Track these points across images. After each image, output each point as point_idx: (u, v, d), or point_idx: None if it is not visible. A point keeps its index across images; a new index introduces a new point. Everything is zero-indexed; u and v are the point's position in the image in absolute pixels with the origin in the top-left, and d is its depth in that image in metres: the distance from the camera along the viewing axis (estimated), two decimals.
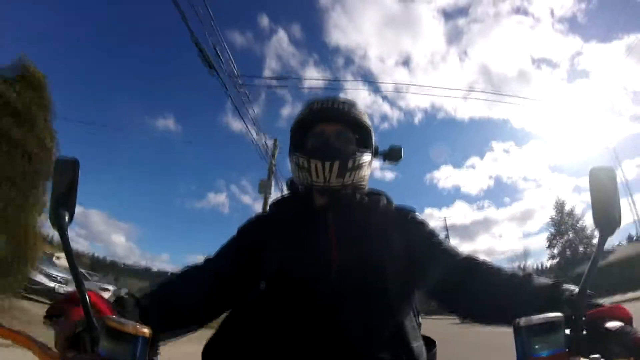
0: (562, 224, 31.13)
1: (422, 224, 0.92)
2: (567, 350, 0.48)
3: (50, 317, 0.60)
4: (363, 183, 0.92)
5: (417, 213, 0.95)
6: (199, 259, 0.93)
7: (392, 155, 1.00)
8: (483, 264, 0.79)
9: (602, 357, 0.48)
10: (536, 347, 0.47)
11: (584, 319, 0.52)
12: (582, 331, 0.51)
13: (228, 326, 0.83)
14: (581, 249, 29.49)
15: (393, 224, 0.88)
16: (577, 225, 29.57)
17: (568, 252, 30.46)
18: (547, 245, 32.29)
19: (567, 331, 0.50)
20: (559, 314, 0.49)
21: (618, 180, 0.56)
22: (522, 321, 0.49)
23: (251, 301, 0.81)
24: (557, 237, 31.02)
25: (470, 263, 0.80)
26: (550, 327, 0.48)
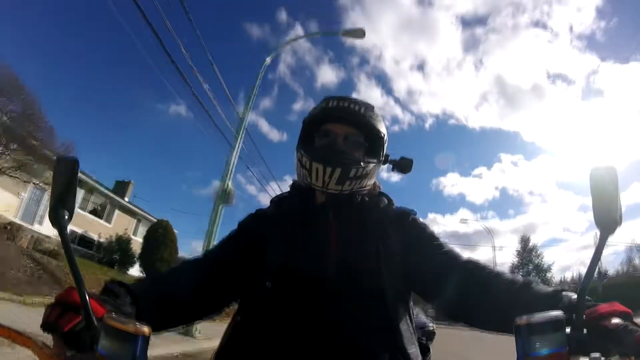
0: (525, 257, 37.31)
1: (422, 227, 0.91)
2: (567, 349, 0.48)
3: (47, 329, 0.57)
4: (364, 191, 0.91)
5: (417, 215, 0.94)
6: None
7: (401, 167, 0.99)
8: (484, 268, 0.78)
9: (603, 356, 0.48)
10: (536, 345, 0.47)
11: (584, 317, 0.52)
12: (583, 330, 0.51)
13: (237, 328, 0.82)
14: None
15: (393, 226, 0.88)
16: (537, 260, 36.28)
17: None
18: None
19: (568, 330, 0.50)
20: (559, 313, 0.49)
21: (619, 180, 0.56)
22: (523, 320, 0.49)
23: (256, 300, 0.80)
24: (519, 268, 36.93)
25: (471, 267, 0.79)
26: (551, 325, 0.48)
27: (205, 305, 0.84)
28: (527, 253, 37.32)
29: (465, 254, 0.84)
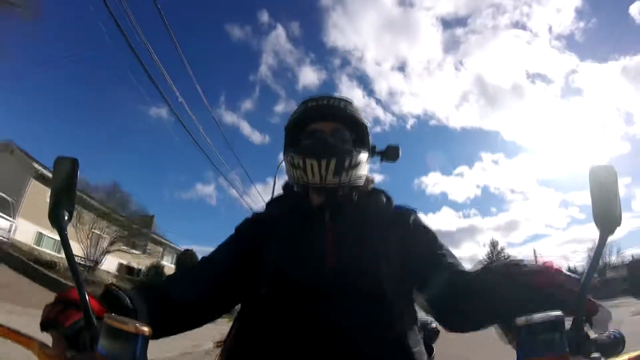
0: (493, 260, 38.78)
1: (424, 228, 0.90)
2: (567, 349, 0.48)
3: (47, 326, 0.58)
4: (360, 182, 0.91)
5: (418, 215, 0.93)
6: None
7: (389, 155, 0.99)
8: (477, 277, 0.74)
9: (603, 357, 0.48)
10: (537, 346, 0.47)
11: (584, 318, 0.52)
12: (583, 330, 0.51)
13: (238, 336, 0.81)
14: None
15: (392, 225, 0.86)
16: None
17: None
18: None
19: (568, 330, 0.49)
20: (559, 313, 0.49)
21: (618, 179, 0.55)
22: (522, 320, 0.48)
23: (253, 308, 0.80)
24: None
25: (468, 278, 0.76)
26: (551, 326, 0.47)
27: (203, 311, 0.83)
28: (495, 256, 41.71)
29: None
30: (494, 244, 43.50)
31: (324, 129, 0.89)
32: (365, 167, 0.92)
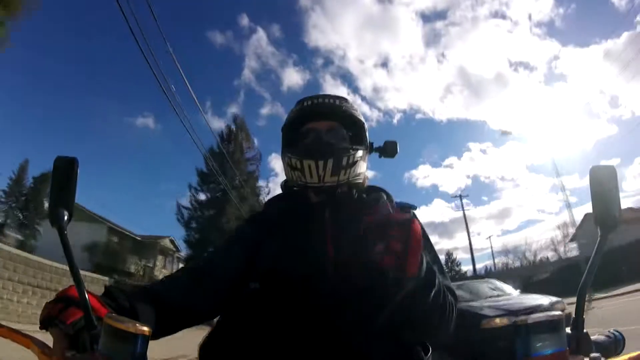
0: (448, 268, 47.43)
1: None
2: (567, 348, 0.48)
3: (48, 324, 0.58)
4: (359, 180, 0.91)
5: (416, 213, 0.93)
6: None
7: (387, 151, 0.99)
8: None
9: (603, 356, 0.48)
10: (537, 345, 0.47)
11: (583, 317, 0.52)
12: (583, 330, 0.51)
13: (223, 325, 0.82)
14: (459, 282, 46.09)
15: None
16: (457, 268, 46.16)
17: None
18: None
19: (568, 330, 0.50)
20: (559, 313, 0.49)
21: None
22: (523, 319, 0.48)
23: (243, 300, 0.79)
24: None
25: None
26: (551, 325, 0.48)
27: (202, 310, 0.83)
28: (449, 264, 46.99)
29: (443, 242, 0.83)
30: (449, 254, 48.52)
31: (320, 127, 0.89)
32: (364, 165, 0.92)
